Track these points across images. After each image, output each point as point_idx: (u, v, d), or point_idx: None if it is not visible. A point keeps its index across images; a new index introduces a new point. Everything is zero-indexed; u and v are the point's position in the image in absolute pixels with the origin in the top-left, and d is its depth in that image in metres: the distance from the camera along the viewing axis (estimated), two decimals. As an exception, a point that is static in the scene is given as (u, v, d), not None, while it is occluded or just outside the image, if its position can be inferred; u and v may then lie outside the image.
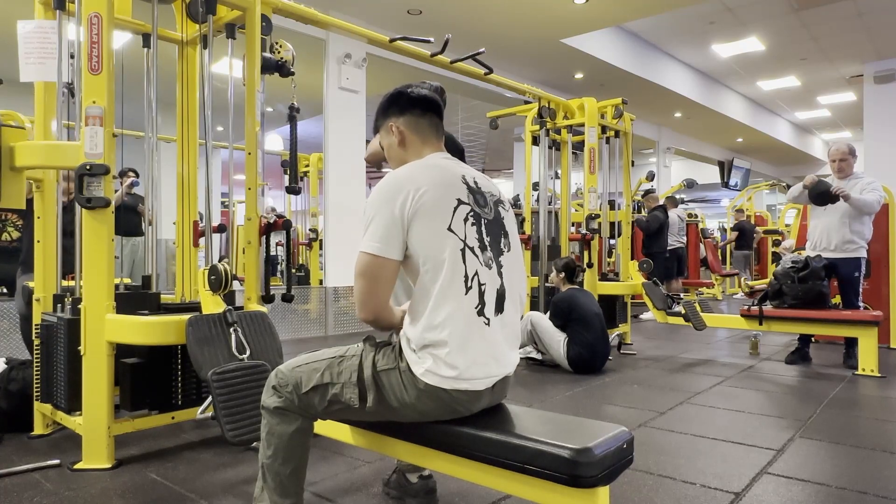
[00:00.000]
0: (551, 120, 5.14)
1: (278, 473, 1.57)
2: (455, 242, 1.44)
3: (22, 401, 2.74)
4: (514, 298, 1.57)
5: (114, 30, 2.40)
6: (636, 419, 3.00)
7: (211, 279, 2.43)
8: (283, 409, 1.57)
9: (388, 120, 1.68)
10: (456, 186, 1.52)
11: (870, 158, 9.43)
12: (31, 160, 2.45)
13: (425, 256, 1.44)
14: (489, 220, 1.54)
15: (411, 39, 3.65)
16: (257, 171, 2.72)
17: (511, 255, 1.58)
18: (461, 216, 1.47)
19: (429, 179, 1.48)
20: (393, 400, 1.49)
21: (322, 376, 1.54)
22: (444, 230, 1.44)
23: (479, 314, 1.46)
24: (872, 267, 5.35)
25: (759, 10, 7.96)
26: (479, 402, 1.51)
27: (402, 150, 1.66)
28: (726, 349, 5.32)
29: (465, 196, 1.51)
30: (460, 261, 1.44)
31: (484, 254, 1.49)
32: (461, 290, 1.44)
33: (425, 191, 1.45)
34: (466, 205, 1.50)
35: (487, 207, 1.56)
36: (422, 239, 1.44)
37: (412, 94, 1.67)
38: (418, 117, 1.65)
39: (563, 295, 4.26)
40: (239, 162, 2.73)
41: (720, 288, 11.02)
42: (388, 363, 1.50)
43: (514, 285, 1.57)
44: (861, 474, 2.26)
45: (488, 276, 1.49)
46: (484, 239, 1.50)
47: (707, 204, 22.17)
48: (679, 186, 9.84)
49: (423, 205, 1.43)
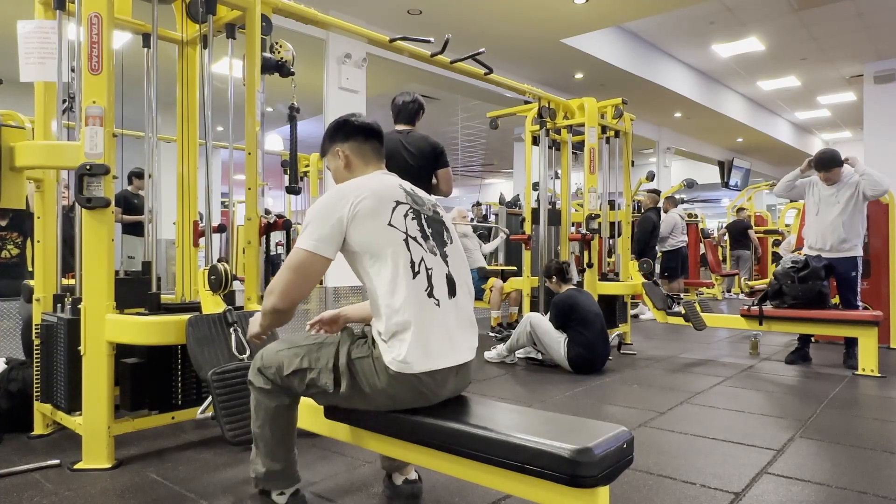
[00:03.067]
0: (551, 120, 5.13)
1: (267, 441, 1.75)
2: (397, 234, 1.62)
3: (22, 401, 2.73)
4: (464, 286, 1.74)
5: (114, 30, 2.40)
6: (636, 419, 3.00)
7: (211, 279, 2.43)
8: (267, 389, 1.74)
9: (334, 145, 1.86)
10: (394, 191, 1.71)
11: (870, 158, 9.42)
12: (31, 160, 2.45)
13: (371, 252, 1.60)
14: (429, 217, 1.73)
15: (411, 39, 3.65)
16: (257, 171, 2.72)
17: (454, 247, 1.76)
18: (401, 213, 1.66)
19: (368, 188, 1.66)
20: (365, 386, 1.62)
21: (301, 361, 1.69)
22: (385, 226, 1.62)
23: (429, 296, 1.61)
24: (872, 267, 5.35)
25: (759, 10, 7.96)
26: (444, 386, 1.65)
27: (347, 172, 1.84)
28: (726, 349, 5.32)
29: (402, 198, 1.70)
30: (404, 249, 1.61)
31: (427, 242, 1.67)
32: (409, 275, 1.59)
33: (364, 197, 1.62)
34: (405, 204, 1.69)
35: (426, 207, 1.75)
36: (365, 237, 1.60)
37: (355, 122, 1.86)
38: (361, 143, 1.84)
39: (563, 295, 4.26)
40: (239, 162, 2.73)
41: (720, 288, 11.02)
42: (361, 353, 1.64)
43: (461, 274, 1.73)
44: (861, 474, 2.26)
45: (434, 262, 1.66)
46: (426, 230, 1.68)
47: (707, 204, 22.17)
48: (679, 186, 9.84)
49: (362, 209, 1.61)
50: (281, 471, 1.79)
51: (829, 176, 4.41)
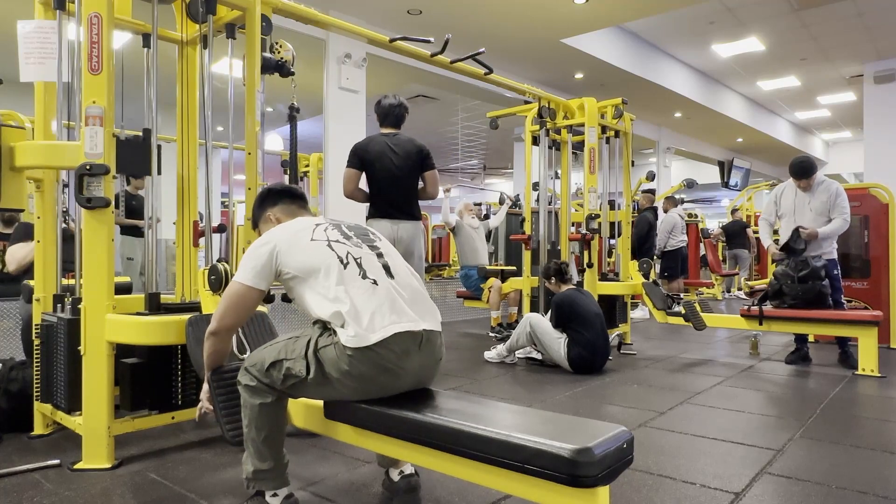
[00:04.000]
0: (551, 120, 5.13)
1: (254, 440, 1.81)
2: (320, 244, 1.80)
3: (22, 401, 2.74)
4: (403, 268, 1.89)
5: (114, 30, 2.40)
6: (636, 419, 3.00)
7: (211, 279, 2.43)
8: (252, 386, 1.81)
9: (265, 212, 2.07)
10: (311, 221, 1.91)
11: (870, 158, 9.43)
12: (31, 160, 2.45)
13: (305, 269, 1.77)
14: (349, 225, 1.94)
15: (411, 39, 3.65)
16: (257, 171, 2.72)
17: (384, 244, 1.93)
18: (321, 230, 1.86)
19: (288, 228, 1.88)
20: (333, 371, 1.71)
21: (279, 353, 1.79)
22: (309, 241, 1.81)
23: (363, 277, 1.75)
24: (872, 267, 5.36)
25: (759, 10, 7.96)
26: (407, 358, 1.72)
27: None
28: (726, 349, 5.32)
29: (320, 221, 1.91)
30: (329, 250, 1.78)
31: (350, 241, 1.85)
32: (340, 267, 1.75)
33: (284, 237, 1.83)
34: (322, 224, 1.89)
35: (345, 224, 1.95)
36: (296, 258, 1.78)
37: (278, 188, 2.10)
38: (289, 203, 2.07)
39: (563, 295, 4.26)
40: (239, 162, 2.73)
41: (720, 288, 11.02)
42: (326, 341, 1.74)
43: (397, 263, 1.89)
44: (861, 474, 2.26)
45: (361, 252, 1.82)
46: (347, 233, 1.88)
47: (707, 204, 22.16)
48: (679, 186, 9.84)
49: (285, 241, 1.81)
50: (269, 470, 1.81)
51: (808, 183, 4.43)
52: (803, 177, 4.43)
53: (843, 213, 4.33)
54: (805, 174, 4.42)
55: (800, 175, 4.44)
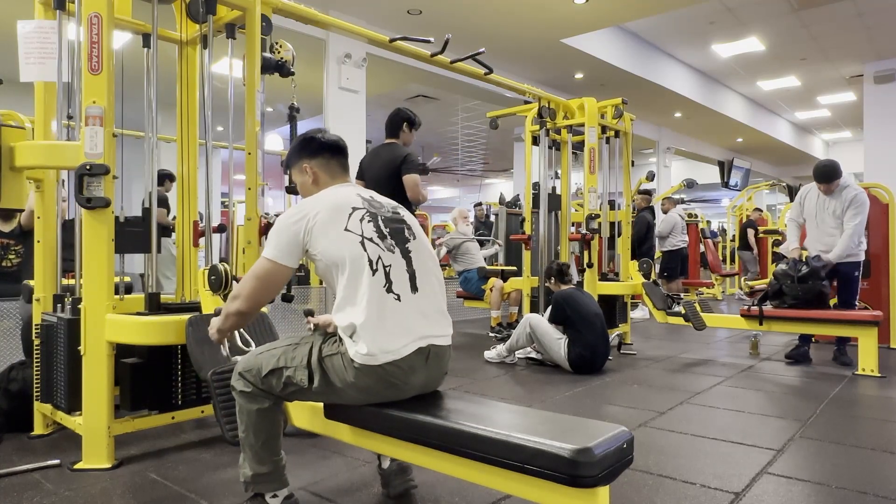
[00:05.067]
0: (551, 120, 5.13)
1: (252, 445, 1.79)
2: (353, 237, 1.70)
3: (22, 401, 2.74)
4: (430, 279, 1.79)
5: (114, 30, 2.40)
6: (636, 419, 3.00)
7: (211, 279, 2.43)
8: (248, 392, 1.78)
9: (301, 161, 1.92)
10: (349, 200, 1.78)
11: (870, 158, 9.42)
12: (31, 160, 2.45)
13: (332, 257, 1.69)
14: (387, 217, 1.80)
15: (411, 39, 3.66)
16: (257, 171, 2.72)
17: (417, 243, 1.82)
18: (357, 218, 1.74)
19: (324, 202, 1.76)
20: (337, 381, 1.68)
21: (278, 361, 1.75)
22: (342, 231, 1.70)
23: (387, 291, 1.67)
24: (872, 267, 5.35)
25: (759, 10, 7.96)
26: (414, 374, 1.69)
27: (314, 187, 1.91)
28: (726, 349, 5.32)
29: (358, 204, 1.78)
30: (361, 250, 1.68)
31: (384, 241, 1.73)
32: (368, 273, 1.66)
33: (320, 210, 1.72)
34: (360, 209, 1.76)
35: (385, 209, 1.83)
36: (324, 246, 1.69)
37: (323, 139, 1.92)
38: (328, 159, 1.92)
39: (563, 293, 4.26)
40: (239, 162, 2.73)
41: (720, 288, 11.01)
42: (331, 350, 1.70)
43: (426, 268, 1.79)
44: (861, 474, 2.26)
45: (392, 259, 1.72)
46: (382, 230, 1.75)
47: (707, 204, 22.16)
48: (679, 186, 9.83)
49: (319, 220, 1.70)
50: (268, 473, 1.80)
51: (829, 188, 4.43)
52: (824, 181, 4.42)
53: (852, 221, 4.31)
54: (826, 179, 4.41)
55: (821, 180, 4.44)
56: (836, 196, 4.42)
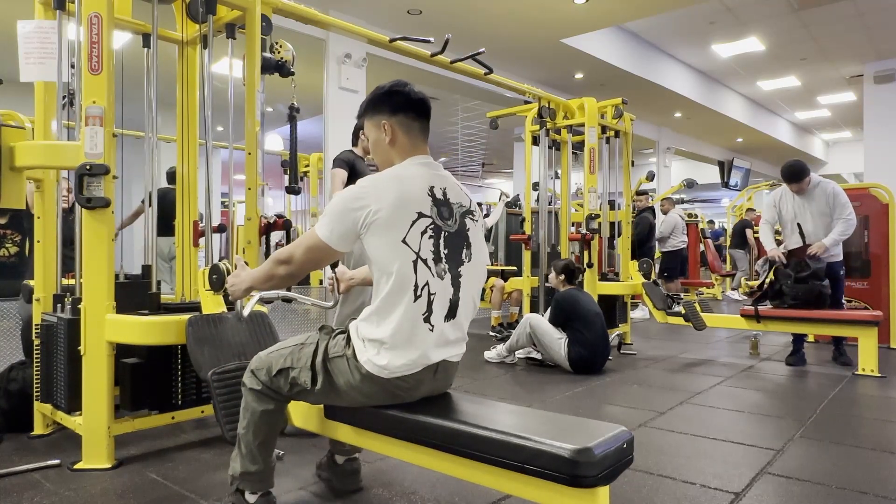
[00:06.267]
0: (551, 120, 5.13)
1: (249, 443, 1.77)
2: (407, 254, 1.55)
3: (22, 401, 2.73)
4: (468, 305, 1.69)
5: (114, 30, 2.40)
6: (636, 419, 3.00)
7: (212, 279, 2.43)
8: (258, 390, 1.76)
9: (379, 116, 1.70)
10: (419, 200, 1.59)
11: (870, 158, 9.42)
12: (31, 160, 2.45)
13: (379, 264, 1.58)
14: (450, 233, 1.63)
15: (411, 39, 3.65)
16: (257, 171, 2.72)
17: (471, 266, 1.68)
18: (419, 229, 1.57)
19: (390, 194, 1.56)
20: (341, 383, 1.65)
21: (285, 361, 1.73)
22: (398, 242, 1.54)
23: (425, 321, 1.58)
24: (872, 267, 5.36)
25: (759, 10, 7.96)
26: (419, 388, 1.66)
27: (391, 148, 1.70)
28: (726, 349, 5.32)
29: (427, 209, 1.59)
30: (411, 272, 1.55)
31: (438, 265, 1.59)
32: (410, 298, 1.56)
33: (382, 208, 1.54)
34: (427, 217, 1.59)
35: (452, 219, 1.64)
36: (376, 249, 1.57)
37: (410, 94, 1.69)
38: (412, 120, 1.69)
39: (565, 293, 4.26)
40: (239, 162, 2.73)
41: (720, 288, 11.00)
42: (337, 351, 1.66)
43: (469, 295, 1.68)
44: (861, 474, 2.26)
45: (440, 286, 1.60)
46: (440, 251, 1.60)
47: (707, 204, 22.15)
48: (679, 186, 9.83)
49: (378, 220, 1.54)
50: (257, 472, 1.80)
51: (801, 187, 4.37)
52: (794, 181, 4.36)
53: (844, 213, 4.28)
54: (795, 178, 4.35)
55: (790, 179, 4.38)
56: (812, 195, 4.36)
